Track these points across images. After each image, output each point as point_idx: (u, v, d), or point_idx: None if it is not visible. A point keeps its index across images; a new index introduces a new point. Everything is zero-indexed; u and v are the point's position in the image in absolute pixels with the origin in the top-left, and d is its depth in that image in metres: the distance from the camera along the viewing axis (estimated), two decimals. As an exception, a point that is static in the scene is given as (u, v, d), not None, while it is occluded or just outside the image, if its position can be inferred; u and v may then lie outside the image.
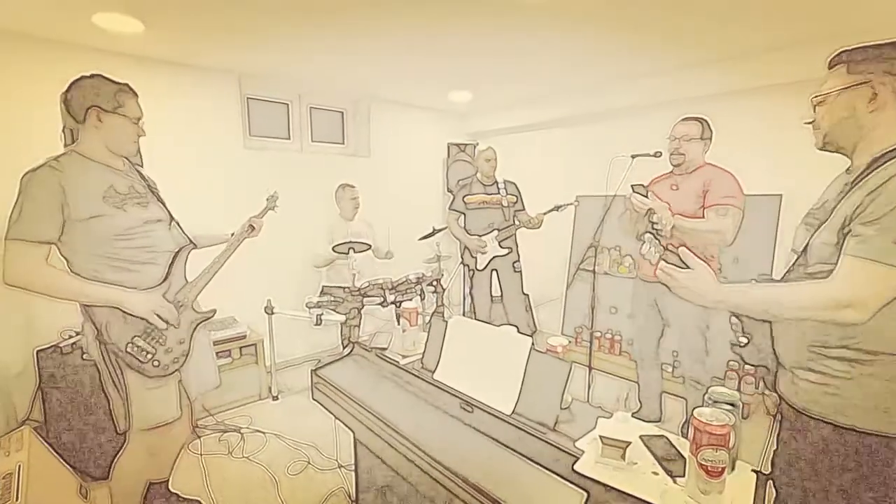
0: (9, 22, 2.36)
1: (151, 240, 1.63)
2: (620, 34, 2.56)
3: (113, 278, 1.55)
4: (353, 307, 2.93)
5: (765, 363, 1.24)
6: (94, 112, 1.54)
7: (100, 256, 1.53)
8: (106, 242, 1.53)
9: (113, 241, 1.53)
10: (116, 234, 1.54)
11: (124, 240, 1.56)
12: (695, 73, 3.10)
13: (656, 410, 2.68)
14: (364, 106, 4.15)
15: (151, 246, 1.64)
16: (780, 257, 2.82)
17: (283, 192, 3.60)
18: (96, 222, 1.50)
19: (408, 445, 1.31)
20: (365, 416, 1.51)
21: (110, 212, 1.53)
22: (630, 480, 1.04)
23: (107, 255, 1.54)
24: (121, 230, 1.55)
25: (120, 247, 1.55)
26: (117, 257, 1.55)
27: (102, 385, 1.64)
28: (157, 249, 1.66)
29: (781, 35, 2.52)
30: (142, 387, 1.61)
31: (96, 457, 2.23)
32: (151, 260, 1.63)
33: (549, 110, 4.10)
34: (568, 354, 1.43)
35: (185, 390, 1.77)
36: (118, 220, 1.55)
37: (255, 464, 2.42)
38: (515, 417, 1.31)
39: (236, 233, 2.03)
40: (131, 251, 1.58)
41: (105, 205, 1.52)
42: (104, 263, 1.54)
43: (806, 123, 1.22)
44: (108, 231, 1.52)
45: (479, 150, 3.49)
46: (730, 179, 2.19)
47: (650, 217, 2.01)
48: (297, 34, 2.59)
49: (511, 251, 3.45)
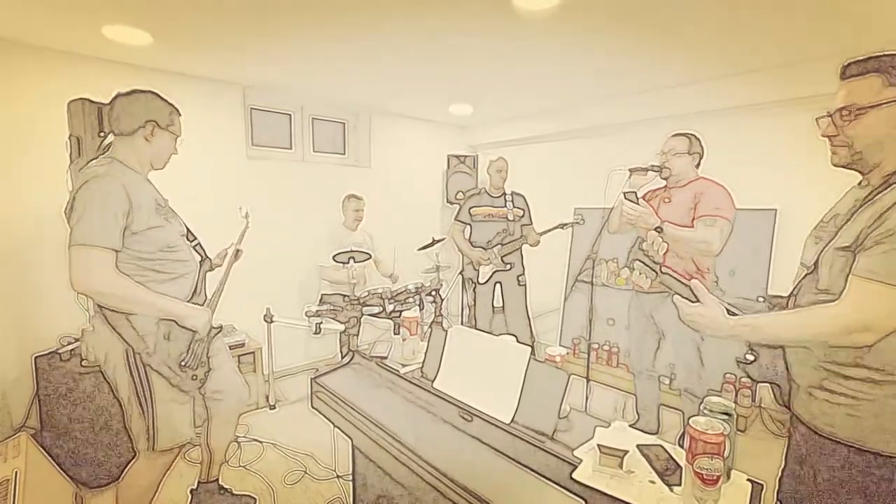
0: (19, 33, 2.40)
1: (185, 252, 1.66)
2: (620, 50, 2.62)
3: (157, 290, 1.55)
4: (353, 316, 2.94)
5: (774, 380, 1.21)
6: (150, 126, 1.58)
7: (147, 269, 1.53)
8: (155, 254, 1.54)
9: (160, 253, 1.55)
10: (164, 245, 1.56)
11: (170, 252, 1.58)
12: (694, 90, 3.16)
13: (654, 422, 2.68)
14: (365, 117, 4.21)
15: (187, 259, 1.66)
16: (775, 270, 2.86)
17: (284, 202, 3.67)
18: (152, 233, 1.52)
19: (407, 454, 1.32)
20: (364, 424, 1.52)
21: (160, 223, 1.56)
22: (627, 489, 1.05)
23: (153, 267, 1.55)
24: (168, 242, 1.58)
25: (166, 258, 1.57)
26: (162, 270, 1.57)
27: (119, 400, 1.59)
28: (190, 262, 1.68)
29: (780, 53, 2.58)
30: (170, 403, 1.59)
31: (92, 465, 2.22)
32: (185, 273, 1.65)
33: (549, 123, 4.16)
34: (566, 365, 1.45)
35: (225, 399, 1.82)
36: (166, 231, 1.58)
37: (252, 473, 2.41)
38: (514, 426, 1.32)
39: (226, 260, 1.99)
40: (173, 264, 1.60)
41: (157, 216, 1.56)
42: (151, 276, 1.54)
43: (825, 136, 1.11)
44: (158, 242, 1.54)
45: (491, 159, 3.48)
46: (720, 192, 2.24)
47: (640, 245, 2.04)
48: (301, 47, 2.64)
49: (515, 265, 3.45)
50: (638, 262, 1.67)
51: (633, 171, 2.32)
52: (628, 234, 2.54)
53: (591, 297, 2.59)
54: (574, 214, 3.62)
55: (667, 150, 2.37)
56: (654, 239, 1.95)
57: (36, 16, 2.19)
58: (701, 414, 1.08)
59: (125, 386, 1.55)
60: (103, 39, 2.43)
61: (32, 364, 2.42)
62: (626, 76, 3.12)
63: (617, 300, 3.47)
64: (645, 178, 2.32)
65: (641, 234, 2.36)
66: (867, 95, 1.01)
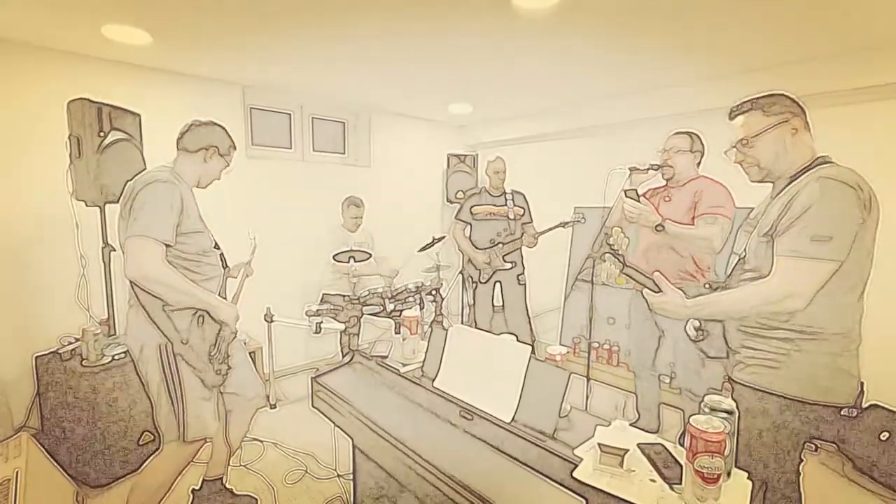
0: (19, 33, 2.40)
1: (215, 258, 1.81)
2: (620, 49, 2.61)
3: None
4: (353, 315, 2.94)
5: (722, 354, 1.45)
6: (212, 150, 1.80)
7: (186, 269, 1.67)
8: (194, 256, 1.70)
9: (197, 256, 1.71)
10: (201, 250, 1.73)
11: (204, 256, 1.75)
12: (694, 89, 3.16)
13: (654, 421, 2.68)
14: (365, 116, 4.21)
15: (216, 265, 1.81)
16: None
17: (284, 201, 3.67)
18: (194, 236, 1.69)
19: (407, 453, 1.32)
20: (365, 423, 1.52)
21: (201, 228, 1.75)
22: (628, 487, 1.05)
23: (191, 268, 1.69)
24: (204, 247, 1.75)
25: (202, 261, 1.73)
26: (198, 271, 1.72)
27: (149, 395, 1.70)
28: (217, 268, 1.82)
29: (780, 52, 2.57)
30: (198, 397, 1.70)
31: (94, 464, 2.22)
32: (214, 276, 1.80)
33: (548, 123, 4.16)
34: (566, 363, 1.45)
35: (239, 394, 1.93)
36: (204, 237, 1.75)
37: (253, 472, 2.41)
38: (515, 425, 1.32)
39: (241, 274, 2.11)
40: (207, 267, 1.76)
41: (199, 222, 1.75)
42: (189, 275, 1.67)
43: (737, 163, 1.45)
44: (197, 246, 1.71)
45: (489, 160, 3.49)
46: (721, 190, 2.23)
47: (607, 240, 2.13)
48: (301, 47, 2.64)
49: (516, 264, 3.46)
50: (608, 255, 1.77)
51: (633, 170, 2.32)
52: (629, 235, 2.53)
53: (592, 296, 2.59)
54: (574, 213, 3.62)
55: (668, 147, 2.36)
56: (618, 234, 2.13)
57: (36, 16, 2.19)
58: (702, 412, 1.08)
59: (157, 379, 1.65)
60: (103, 39, 2.43)
61: (33, 364, 2.42)
62: (626, 76, 3.12)
63: (617, 299, 3.47)
64: (645, 176, 2.33)
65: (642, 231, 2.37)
66: (755, 127, 1.37)
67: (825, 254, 1.19)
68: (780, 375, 1.28)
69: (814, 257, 1.19)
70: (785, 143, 1.34)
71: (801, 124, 1.34)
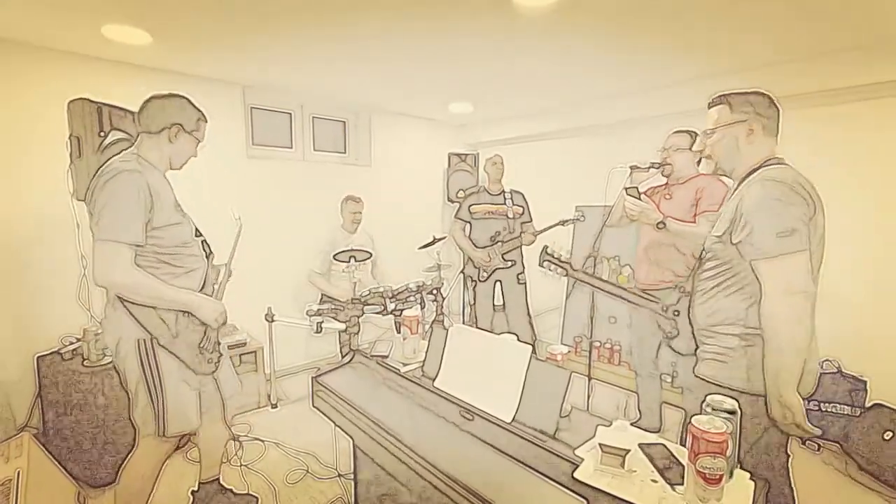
0: (19, 33, 2.40)
1: (197, 248, 1.71)
2: (620, 48, 2.60)
3: (172, 283, 1.60)
4: (353, 315, 2.94)
5: (692, 352, 1.50)
6: (175, 128, 1.63)
7: (163, 263, 1.58)
8: (172, 249, 1.59)
9: (176, 249, 1.61)
10: (180, 242, 1.62)
11: (185, 247, 1.63)
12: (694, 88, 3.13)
13: (656, 421, 2.68)
14: (365, 116, 4.20)
15: (198, 255, 1.71)
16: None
17: (284, 201, 3.67)
18: (171, 229, 1.58)
19: (408, 453, 1.32)
20: (365, 423, 1.52)
21: (179, 220, 1.62)
22: (629, 488, 1.05)
23: (170, 261, 1.60)
24: (184, 238, 1.63)
25: (182, 254, 1.62)
26: (177, 264, 1.62)
27: (126, 390, 1.63)
28: (200, 258, 1.72)
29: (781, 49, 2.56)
30: (181, 391, 1.64)
31: (95, 464, 2.23)
32: (196, 267, 1.70)
33: (549, 122, 4.15)
34: (567, 363, 1.45)
35: (220, 392, 1.84)
36: (183, 228, 1.64)
37: (254, 472, 2.41)
38: (515, 425, 1.32)
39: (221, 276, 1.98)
40: (188, 258, 1.66)
41: (176, 213, 1.62)
42: (167, 269, 1.59)
43: (702, 155, 1.53)
44: (176, 238, 1.60)
45: (487, 158, 3.48)
46: (722, 188, 2.23)
47: (546, 249, 2.17)
48: (301, 47, 2.63)
49: (515, 263, 3.45)
50: (547, 262, 1.81)
51: (634, 168, 2.31)
52: (630, 234, 2.53)
53: (593, 296, 2.59)
54: (575, 212, 3.60)
55: (668, 146, 2.37)
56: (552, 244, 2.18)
57: (36, 16, 2.19)
58: (704, 412, 1.07)
59: (135, 373, 1.58)
60: (103, 39, 2.43)
61: (34, 364, 2.42)
62: (626, 75, 3.11)
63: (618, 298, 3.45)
64: (646, 174, 2.32)
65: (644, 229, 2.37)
66: (719, 121, 1.43)
67: (796, 245, 1.23)
68: (728, 369, 1.34)
69: (787, 252, 1.23)
70: (738, 142, 1.38)
71: (760, 126, 1.36)
